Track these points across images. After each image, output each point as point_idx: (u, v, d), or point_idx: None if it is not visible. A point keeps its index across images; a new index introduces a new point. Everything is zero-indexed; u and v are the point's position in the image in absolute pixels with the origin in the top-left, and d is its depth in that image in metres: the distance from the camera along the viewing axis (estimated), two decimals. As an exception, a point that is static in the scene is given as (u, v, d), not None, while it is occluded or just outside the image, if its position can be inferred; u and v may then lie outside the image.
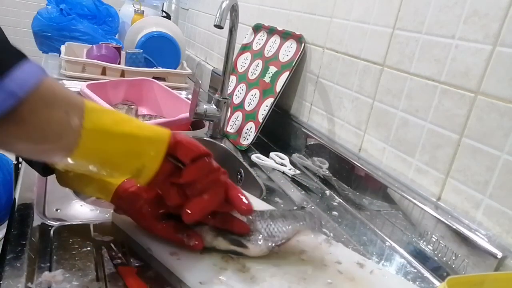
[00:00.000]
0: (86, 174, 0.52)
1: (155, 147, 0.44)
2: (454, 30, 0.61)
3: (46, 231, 0.52)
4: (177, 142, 0.45)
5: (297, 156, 0.91)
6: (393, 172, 0.71)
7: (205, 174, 0.47)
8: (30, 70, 0.36)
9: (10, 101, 0.33)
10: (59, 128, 0.38)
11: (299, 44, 0.96)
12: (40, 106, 0.36)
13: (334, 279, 0.49)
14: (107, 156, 0.41)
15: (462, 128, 0.59)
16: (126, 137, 0.42)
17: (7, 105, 0.33)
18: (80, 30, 1.79)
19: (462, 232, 0.55)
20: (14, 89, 0.34)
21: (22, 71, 0.35)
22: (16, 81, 0.34)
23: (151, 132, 0.44)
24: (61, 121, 0.38)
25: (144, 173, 0.44)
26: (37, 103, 0.36)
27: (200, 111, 0.97)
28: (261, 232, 0.51)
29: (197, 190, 0.47)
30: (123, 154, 0.42)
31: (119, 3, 2.19)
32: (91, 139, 0.39)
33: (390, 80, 0.73)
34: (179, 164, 0.46)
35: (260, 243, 0.50)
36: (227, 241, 0.50)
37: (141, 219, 0.51)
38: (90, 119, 0.39)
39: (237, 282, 0.46)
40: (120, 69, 1.42)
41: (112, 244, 0.51)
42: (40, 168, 0.54)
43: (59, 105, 0.38)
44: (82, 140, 0.39)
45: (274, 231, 0.51)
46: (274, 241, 0.51)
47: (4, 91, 0.33)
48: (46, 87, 0.37)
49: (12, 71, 0.34)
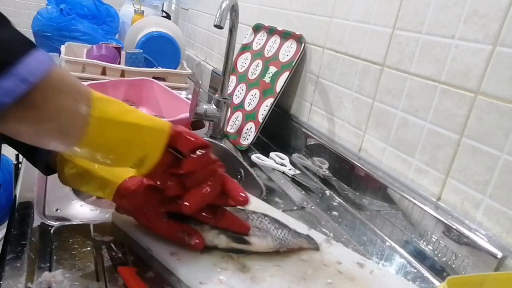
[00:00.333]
0: (87, 173, 0.52)
1: (158, 137, 0.44)
2: (454, 30, 0.61)
3: (46, 231, 0.52)
4: (177, 133, 0.46)
5: (297, 156, 0.91)
6: (393, 172, 0.71)
7: (204, 165, 0.48)
8: (41, 57, 0.36)
9: (22, 87, 0.34)
10: (69, 114, 0.38)
11: (299, 44, 0.96)
12: (52, 93, 0.37)
13: (334, 279, 0.49)
14: (113, 144, 0.42)
15: (462, 128, 0.59)
16: (131, 126, 0.43)
17: (20, 91, 0.34)
18: (80, 30, 1.79)
19: (462, 232, 0.55)
20: (26, 75, 0.35)
21: (34, 58, 0.36)
22: (28, 68, 0.35)
23: (153, 123, 0.45)
24: (71, 108, 0.39)
25: (146, 162, 0.44)
26: (49, 89, 0.37)
27: (200, 111, 0.97)
28: (270, 233, 0.51)
29: (196, 180, 0.47)
30: (128, 142, 0.43)
31: (119, 3, 2.19)
32: (98, 127, 0.40)
33: (390, 80, 0.73)
34: (178, 155, 0.47)
35: (267, 239, 0.51)
36: (229, 238, 0.50)
37: (142, 218, 0.51)
38: (97, 108, 0.40)
39: (237, 282, 0.46)
40: (120, 69, 1.42)
41: (112, 244, 0.51)
42: (42, 167, 0.55)
43: (69, 93, 0.39)
44: (90, 128, 0.40)
45: (281, 236, 0.52)
46: (281, 244, 0.51)
47: (17, 77, 0.34)
48: (57, 75, 0.38)
49: (24, 58, 0.35)
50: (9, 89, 0.34)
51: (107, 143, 0.42)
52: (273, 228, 0.52)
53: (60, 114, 0.38)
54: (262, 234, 0.51)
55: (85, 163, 0.52)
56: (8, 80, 0.34)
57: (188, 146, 0.46)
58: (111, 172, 0.52)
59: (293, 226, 0.56)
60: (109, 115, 0.41)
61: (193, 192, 0.47)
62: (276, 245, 0.51)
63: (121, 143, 0.43)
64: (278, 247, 0.51)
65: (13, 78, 0.34)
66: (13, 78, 0.34)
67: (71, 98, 0.39)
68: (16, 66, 0.34)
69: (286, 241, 0.52)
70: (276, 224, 0.54)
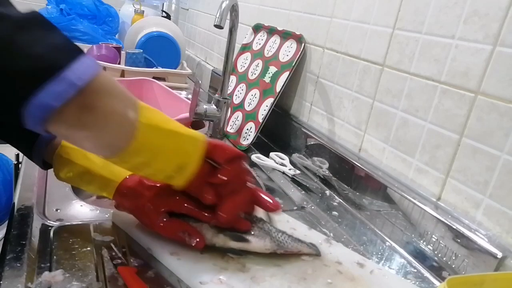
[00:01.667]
0: (87, 173, 0.52)
1: (196, 145, 0.46)
2: (454, 30, 0.61)
3: (46, 231, 0.52)
4: (213, 144, 0.48)
5: (297, 156, 0.91)
6: (393, 172, 0.71)
7: (238, 174, 0.49)
8: (88, 63, 0.38)
9: (70, 91, 0.36)
10: (120, 118, 0.40)
11: (299, 44, 0.96)
12: (102, 97, 0.38)
13: (334, 279, 0.49)
14: (157, 151, 0.43)
15: (462, 128, 0.59)
16: (173, 134, 0.44)
17: (68, 95, 0.36)
18: (80, 30, 1.79)
19: (462, 232, 0.55)
20: (75, 80, 0.36)
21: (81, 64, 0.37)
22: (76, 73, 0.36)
23: (191, 132, 0.46)
24: (121, 113, 0.40)
25: (185, 170, 0.46)
26: (99, 94, 0.38)
27: (200, 111, 0.97)
28: (270, 235, 0.52)
29: (230, 189, 0.49)
30: (171, 149, 0.44)
31: (119, 3, 2.19)
32: (146, 133, 0.42)
33: (390, 80, 0.73)
34: (215, 164, 0.48)
35: (265, 239, 0.51)
36: (228, 237, 0.50)
37: (143, 216, 0.51)
38: (144, 115, 0.42)
39: (237, 282, 0.46)
40: (120, 69, 1.41)
41: (112, 244, 0.51)
42: (40, 163, 0.55)
43: (118, 98, 0.40)
44: (139, 133, 0.41)
45: (281, 239, 0.52)
46: (279, 246, 0.51)
47: (65, 82, 0.35)
48: (105, 80, 0.39)
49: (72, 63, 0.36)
50: (58, 94, 0.35)
51: (153, 149, 0.43)
52: (274, 230, 0.52)
53: (110, 119, 0.39)
54: (261, 234, 0.51)
55: (85, 163, 0.52)
56: (57, 85, 0.35)
57: (224, 156, 0.48)
58: (111, 171, 0.52)
59: (293, 225, 0.56)
60: (155, 122, 0.43)
61: (228, 203, 0.49)
62: (274, 246, 0.51)
63: (165, 150, 0.44)
64: (275, 248, 0.51)
65: (62, 82, 0.35)
66: (62, 83, 0.35)
67: (120, 103, 0.40)
68: (65, 71, 0.35)
69: (285, 244, 0.52)
70: (278, 229, 0.54)
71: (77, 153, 0.53)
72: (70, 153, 0.53)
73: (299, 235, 0.55)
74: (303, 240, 0.54)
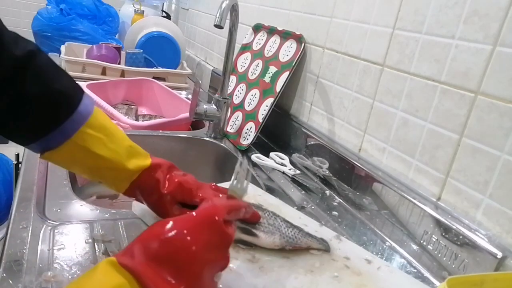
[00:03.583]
0: (98, 168, 0.52)
1: None
2: (454, 30, 0.61)
3: (46, 231, 0.52)
4: None
5: (297, 156, 0.91)
6: (393, 172, 0.71)
7: None
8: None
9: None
10: None
11: (299, 44, 0.96)
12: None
13: (341, 273, 0.50)
14: None
15: (462, 128, 0.59)
16: None
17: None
18: (80, 30, 1.79)
19: (462, 232, 0.55)
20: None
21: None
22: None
23: None
24: None
25: None
26: None
27: (200, 111, 0.97)
28: (280, 230, 0.52)
29: None
30: None
31: (119, 3, 2.19)
32: None
33: (390, 80, 0.73)
34: None
35: (274, 236, 0.51)
36: (238, 229, 0.51)
37: (160, 208, 0.54)
38: None
39: (246, 270, 0.47)
40: (120, 69, 1.42)
41: (112, 244, 0.51)
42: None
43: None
44: None
45: (290, 234, 0.53)
46: (288, 242, 0.52)
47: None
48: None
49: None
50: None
51: None
52: (284, 226, 0.53)
53: None
54: (271, 230, 0.52)
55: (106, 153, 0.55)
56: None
57: None
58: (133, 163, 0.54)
59: (305, 222, 0.56)
60: None
61: None
62: (283, 243, 0.52)
63: None
64: (284, 245, 0.52)
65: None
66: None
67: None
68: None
69: (294, 239, 0.52)
70: (288, 223, 0.54)
71: None
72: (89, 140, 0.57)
73: (310, 231, 0.56)
74: (314, 235, 0.54)
